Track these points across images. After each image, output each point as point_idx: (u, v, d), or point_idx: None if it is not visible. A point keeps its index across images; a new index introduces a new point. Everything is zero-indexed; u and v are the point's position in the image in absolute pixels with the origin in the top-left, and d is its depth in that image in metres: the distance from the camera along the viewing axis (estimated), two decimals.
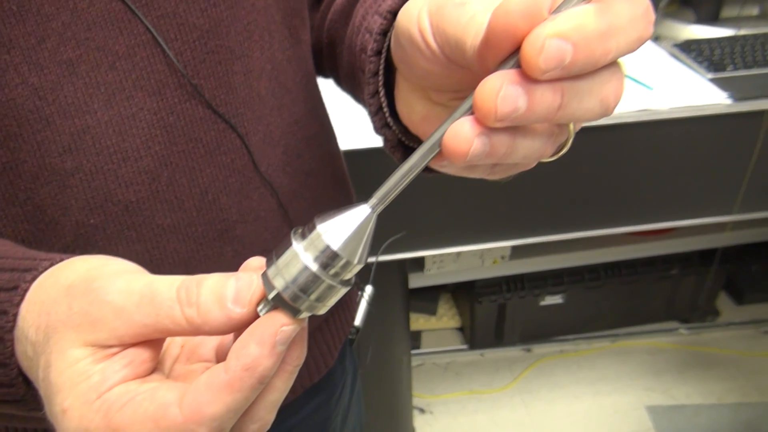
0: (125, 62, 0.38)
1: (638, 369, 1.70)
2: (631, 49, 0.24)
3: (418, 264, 1.45)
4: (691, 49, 1.14)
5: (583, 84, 0.24)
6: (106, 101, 0.38)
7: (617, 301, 1.71)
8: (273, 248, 0.26)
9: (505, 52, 0.23)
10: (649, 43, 1.22)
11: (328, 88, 0.56)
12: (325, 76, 0.55)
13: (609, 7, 0.23)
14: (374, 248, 1.02)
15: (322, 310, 0.26)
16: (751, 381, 1.64)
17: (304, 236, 0.25)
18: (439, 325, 1.81)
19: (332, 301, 0.26)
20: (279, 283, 0.25)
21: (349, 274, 0.26)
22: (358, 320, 0.66)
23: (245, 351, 0.24)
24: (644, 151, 1.06)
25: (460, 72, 0.28)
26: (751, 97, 1.01)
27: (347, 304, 0.63)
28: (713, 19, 1.31)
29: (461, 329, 1.82)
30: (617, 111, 0.95)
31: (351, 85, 0.46)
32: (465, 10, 0.26)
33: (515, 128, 0.25)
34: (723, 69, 1.07)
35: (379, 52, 0.35)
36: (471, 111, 0.24)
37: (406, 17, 0.30)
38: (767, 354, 1.72)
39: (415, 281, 1.49)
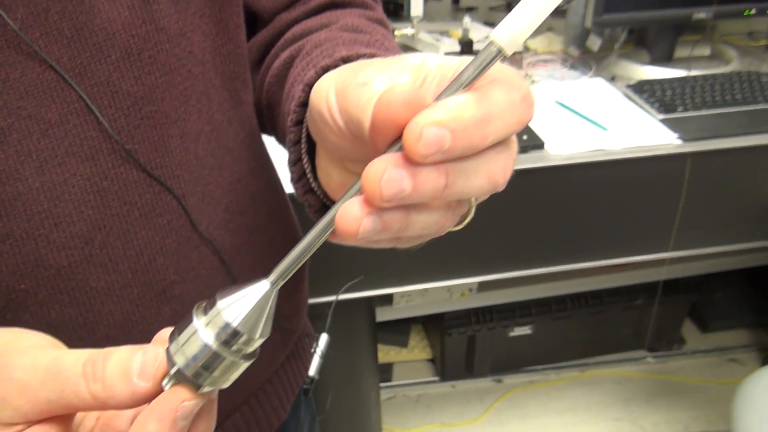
0: (58, 129, 0.38)
1: (607, 399, 1.72)
2: (512, 132, 0.25)
3: (387, 298, 1.46)
4: (644, 90, 1.18)
5: (468, 164, 0.25)
6: (37, 168, 0.37)
7: (585, 331, 1.74)
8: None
9: (391, 137, 0.24)
10: (605, 84, 1.26)
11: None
12: (268, 134, 0.56)
13: (487, 95, 0.24)
14: (333, 290, 1.03)
15: (226, 384, 0.27)
16: (717, 409, 1.66)
17: (206, 312, 0.26)
18: (410, 356, 1.82)
19: (236, 375, 0.27)
20: (180, 360, 0.25)
21: (251, 348, 0.26)
22: (312, 370, 0.65)
23: (144, 428, 0.25)
24: (600, 189, 1.09)
25: (368, 146, 0.29)
26: (699, 138, 1.05)
27: (300, 354, 0.63)
28: (667, 59, 1.37)
29: (432, 360, 1.82)
30: (574, 151, 0.98)
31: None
32: (365, 91, 0.27)
33: (408, 205, 0.26)
34: (674, 110, 1.12)
35: (299, 122, 0.36)
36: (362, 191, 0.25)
37: (316, 94, 0.31)
38: (732, 381, 1.75)
39: (385, 314, 1.50)
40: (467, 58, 0.26)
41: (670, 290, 1.70)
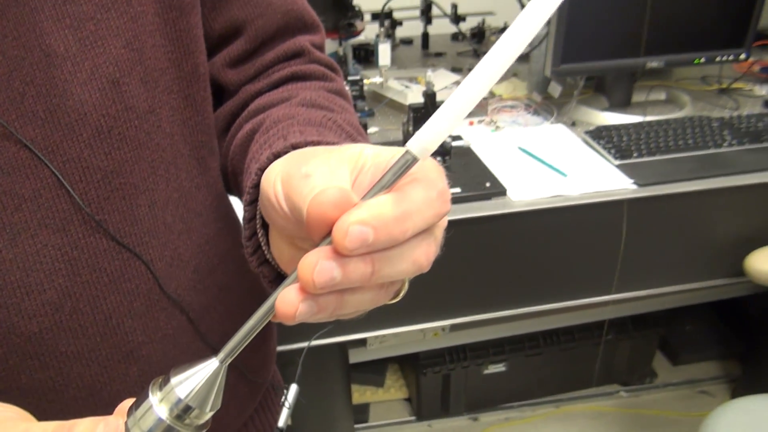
0: (31, 204, 0.40)
1: None
2: (430, 224, 0.29)
3: (361, 340, 1.48)
4: (601, 136, 1.24)
5: (392, 252, 0.28)
6: (10, 240, 0.39)
7: (558, 367, 1.76)
8: (181, 363, 0.30)
9: (324, 231, 0.27)
10: (566, 130, 1.31)
11: None
12: (234, 196, 0.58)
13: (406, 195, 0.27)
14: (304, 337, 1.05)
15: None
16: None
17: (161, 388, 0.29)
18: (387, 396, 1.82)
19: None
20: None
21: (202, 421, 0.29)
22: (281, 422, 0.66)
23: None
24: (560, 233, 1.13)
25: None
26: (652, 183, 1.10)
27: (269, 406, 0.64)
28: (624, 104, 1.43)
29: (409, 399, 1.83)
30: (535, 197, 1.02)
31: None
32: (307, 183, 0.30)
33: (341, 289, 0.28)
34: (629, 156, 1.17)
35: (253, 201, 0.39)
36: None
37: (266, 179, 0.34)
38: (702, 414, 1.77)
39: (359, 356, 1.51)
40: (399, 149, 0.29)
41: (639, 324, 1.74)
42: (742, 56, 1.36)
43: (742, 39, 1.35)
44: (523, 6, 0.30)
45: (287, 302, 0.28)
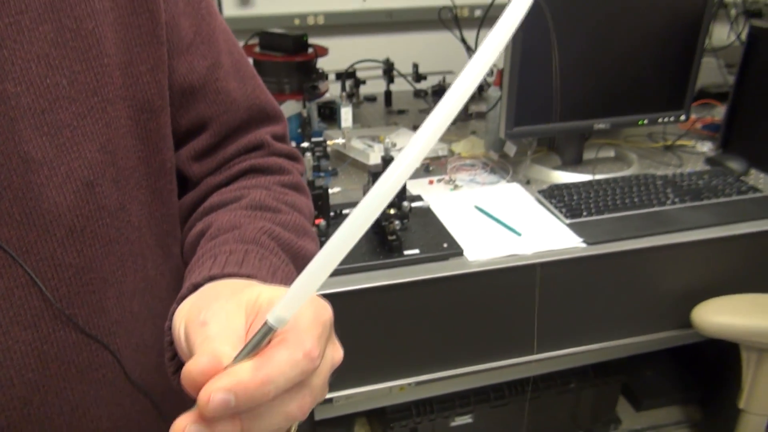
0: (3, 302, 0.41)
1: None
2: (296, 382, 0.31)
3: (326, 398, 1.48)
4: (553, 195, 1.29)
5: (260, 410, 0.30)
6: None
7: (523, 417, 1.78)
8: None
9: (197, 393, 0.29)
10: (520, 188, 1.37)
11: None
12: None
13: (267, 361, 0.30)
14: None
15: None
16: None
17: None
18: None
19: None
20: None
21: None
22: None
23: None
24: (516, 290, 1.17)
25: None
26: (600, 241, 1.16)
27: None
28: (576, 162, 1.50)
29: None
30: (491, 257, 1.06)
31: None
32: (203, 331, 0.33)
33: None
34: (579, 215, 1.23)
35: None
36: None
37: (177, 319, 0.37)
38: None
39: (325, 412, 1.51)
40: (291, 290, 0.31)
41: (601, 372, 1.78)
42: (682, 117, 1.45)
43: (682, 101, 1.44)
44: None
45: None
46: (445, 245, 1.13)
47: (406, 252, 1.11)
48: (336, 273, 1.05)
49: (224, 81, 0.54)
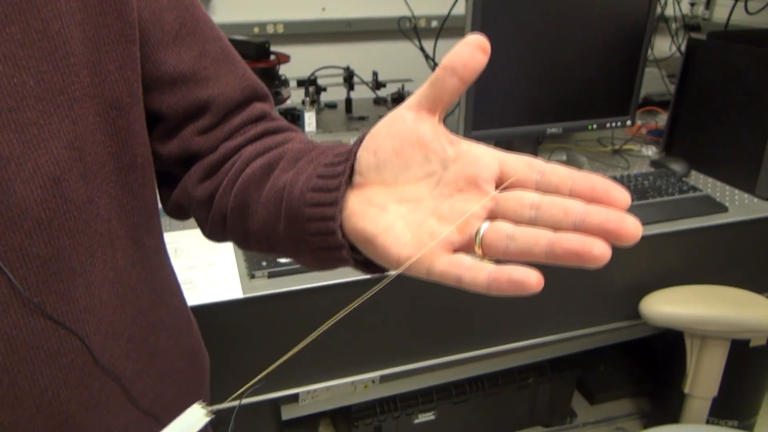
0: None
1: None
2: None
3: (293, 397, 1.50)
4: None
5: None
6: None
7: (484, 412, 1.84)
8: (115, 427, 0.32)
9: None
10: None
11: None
12: (221, 239, 0.59)
13: None
14: (235, 397, 1.08)
15: None
16: None
17: None
18: None
19: None
20: None
21: None
22: None
23: None
24: None
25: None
26: None
27: None
28: None
29: None
30: None
31: (268, 235, 0.50)
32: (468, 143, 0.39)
33: None
34: None
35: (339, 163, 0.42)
36: None
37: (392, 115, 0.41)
38: None
39: (291, 412, 1.53)
40: None
41: (557, 367, 1.85)
42: (628, 122, 1.55)
43: (627, 107, 1.54)
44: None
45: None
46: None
47: None
48: (303, 270, 1.08)
49: (214, 67, 0.56)
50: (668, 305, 1.31)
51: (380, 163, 0.41)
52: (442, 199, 0.39)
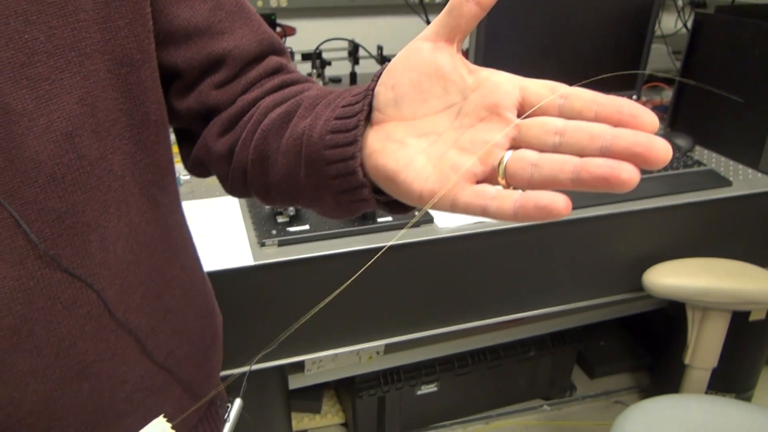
0: None
1: None
2: None
3: (299, 365, 1.52)
4: None
5: None
6: None
7: (486, 384, 1.87)
8: (130, 378, 0.32)
9: None
10: None
11: None
12: (242, 194, 0.59)
13: None
14: (246, 360, 1.10)
15: None
16: None
17: None
18: (324, 422, 1.86)
19: None
20: None
21: None
22: None
23: None
24: (483, 256, 1.24)
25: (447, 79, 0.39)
26: None
27: (213, 418, 0.67)
28: None
29: (345, 425, 1.88)
30: (460, 224, 1.12)
31: (289, 185, 0.50)
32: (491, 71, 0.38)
33: None
34: None
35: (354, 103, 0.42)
36: None
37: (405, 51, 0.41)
38: None
39: (297, 382, 1.56)
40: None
41: (558, 341, 1.88)
42: (634, 98, 1.55)
43: (633, 83, 1.54)
44: None
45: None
46: (416, 212, 1.19)
47: (379, 219, 1.16)
48: (313, 239, 1.10)
49: (229, 20, 0.55)
50: (671, 277, 1.32)
51: (398, 97, 0.40)
52: (462, 130, 0.38)
